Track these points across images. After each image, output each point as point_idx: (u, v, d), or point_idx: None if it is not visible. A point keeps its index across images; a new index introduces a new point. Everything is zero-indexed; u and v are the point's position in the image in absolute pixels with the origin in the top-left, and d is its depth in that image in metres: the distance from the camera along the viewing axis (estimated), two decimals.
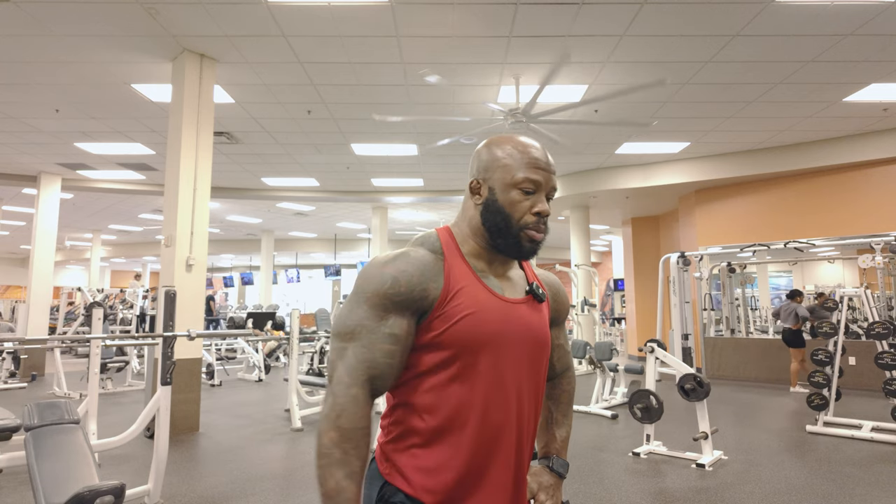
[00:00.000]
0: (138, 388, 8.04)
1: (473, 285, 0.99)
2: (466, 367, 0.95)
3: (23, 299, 20.59)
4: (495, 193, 1.02)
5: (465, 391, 0.95)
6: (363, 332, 0.94)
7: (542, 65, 5.50)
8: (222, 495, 3.55)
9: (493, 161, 1.04)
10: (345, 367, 0.93)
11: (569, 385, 1.27)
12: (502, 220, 1.01)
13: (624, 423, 5.69)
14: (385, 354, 0.94)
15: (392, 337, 0.94)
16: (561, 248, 20.52)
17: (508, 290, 1.04)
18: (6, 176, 9.65)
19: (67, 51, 5.16)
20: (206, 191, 5.43)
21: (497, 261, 1.06)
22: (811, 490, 3.62)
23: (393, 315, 0.94)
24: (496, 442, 0.97)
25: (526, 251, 1.03)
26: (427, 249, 1.01)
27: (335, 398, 0.91)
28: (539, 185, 1.02)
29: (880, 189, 7.83)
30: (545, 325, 1.08)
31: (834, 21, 4.66)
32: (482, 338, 0.96)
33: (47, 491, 2.39)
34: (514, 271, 1.09)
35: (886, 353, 4.94)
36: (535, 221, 1.01)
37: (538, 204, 1.02)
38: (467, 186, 1.08)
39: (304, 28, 4.73)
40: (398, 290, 0.94)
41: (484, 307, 0.98)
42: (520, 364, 1.00)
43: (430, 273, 0.97)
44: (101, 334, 3.89)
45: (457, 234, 1.06)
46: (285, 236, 18.11)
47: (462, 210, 1.09)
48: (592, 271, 11.24)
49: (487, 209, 1.02)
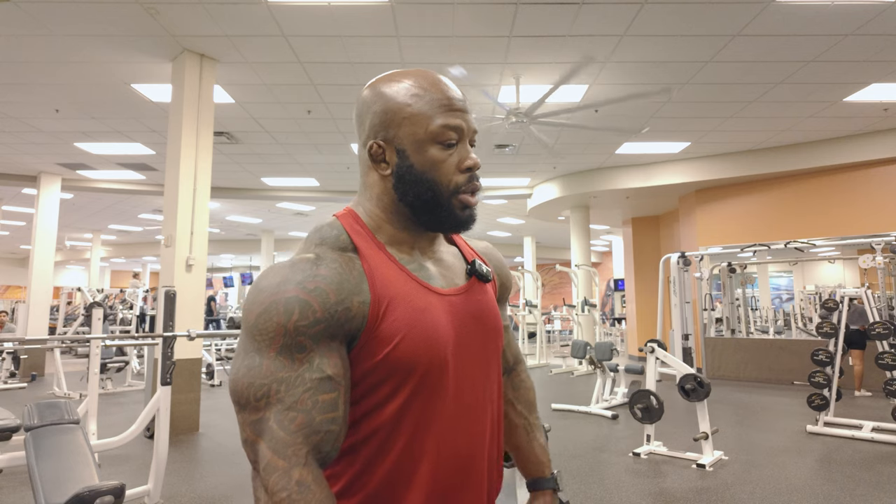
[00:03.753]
0: (138, 388, 8.03)
1: (407, 287, 0.75)
2: (420, 393, 0.73)
3: (23, 299, 20.59)
4: (408, 157, 0.76)
5: (420, 423, 0.73)
6: (281, 388, 0.67)
7: (542, 65, 5.50)
8: (222, 495, 3.55)
9: (394, 112, 0.77)
10: (272, 445, 0.66)
11: (528, 379, 1.05)
12: (426, 190, 0.76)
13: (624, 423, 5.69)
14: (324, 409, 0.67)
15: (326, 383, 0.68)
16: (561, 248, 20.54)
17: (446, 278, 0.81)
18: (6, 176, 9.65)
19: (67, 51, 5.15)
20: (206, 191, 5.42)
21: (423, 242, 0.82)
22: (811, 490, 3.62)
23: (316, 353, 0.68)
24: (465, 470, 0.77)
25: (462, 220, 0.79)
26: (333, 249, 0.75)
27: (273, 494, 0.65)
28: (462, 132, 0.77)
29: (881, 189, 7.82)
30: (496, 311, 0.86)
31: (834, 21, 4.65)
32: (433, 354, 0.73)
33: (47, 491, 2.39)
34: (446, 249, 0.86)
35: (887, 354, 4.94)
36: (466, 180, 0.78)
37: (466, 157, 0.78)
38: (363, 149, 0.80)
39: (304, 28, 4.73)
40: (313, 317, 0.68)
41: (427, 312, 0.75)
42: (479, 368, 0.81)
43: (348, 284, 0.71)
44: (100, 334, 3.89)
45: (365, 219, 0.80)
46: (285, 236, 18.11)
47: (363, 186, 0.82)
48: (593, 271, 11.24)
49: (402, 180, 0.77)
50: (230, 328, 13.53)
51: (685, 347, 7.14)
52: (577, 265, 11.14)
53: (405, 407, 0.73)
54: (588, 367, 9.47)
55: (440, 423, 0.75)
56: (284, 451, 0.66)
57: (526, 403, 1.02)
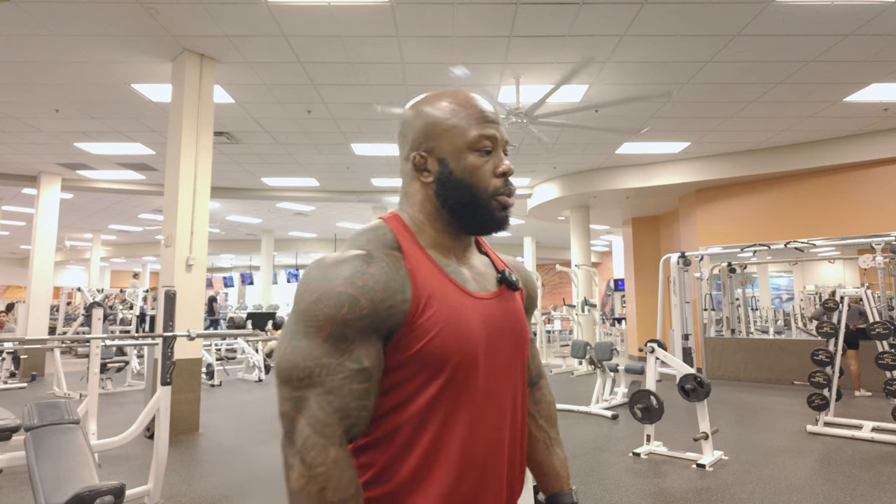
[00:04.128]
0: (138, 388, 8.03)
1: (445, 287, 0.81)
2: (449, 389, 0.78)
3: (23, 299, 20.59)
4: (448, 165, 0.84)
5: (448, 417, 0.78)
6: (323, 372, 0.73)
7: (542, 65, 5.50)
8: (222, 495, 3.55)
9: (433, 126, 0.85)
10: (311, 422, 0.72)
11: (550, 394, 1.09)
12: (466, 194, 0.84)
13: (624, 423, 5.69)
14: (358, 397, 0.74)
15: (363, 373, 0.75)
16: (561, 248, 20.53)
17: (479, 283, 0.87)
18: (6, 176, 9.65)
19: (67, 51, 5.15)
20: (206, 191, 5.42)
21: (460, 248, 0.89)
22: (811, 490, 3.62)
23: (357, 344, 0.75)
24: (487, 468, 0.81)
25: (500, 221, 0.87)
26: (381, 247, 0.81)
27: (311, 468, 0.71)
28: (496, 140, 0.86)
29: (881, 189, 7.82)
30: (524, 319, 0.93)
31: (834, 21, 4.65)
32: (468, 349, 0.79)
33: (47, 491, 2.39)
34: (478, 258, 0.93)
35: (887, 354, 4.94)
36: (502, 184, 0.86)
37: (501, 163, 0.86)
38: (406, 162, 0.88)
39: (304, 28, 4.73)
40: (360, 312, 0.74)
41: (462, 312, 0.80)
42: (507, 371, 0.86)
43: (394, 283, 0.77)
44: (100, 334, 3.89)
45: (409, 223, 0.86)
46: (285, 236, 18.11)
47: (405, 195, 0.89)
48: (593, 271, 11.24)
49: (444, 185, 0.85)
50: (230, 328, 13.53)
51: (685, 347, 7.14)
52: (577, 265, 11.14)
53: (435, 400, 0.77)
54: (588, 367, 9.47)
55: (467, 417, 0.79)
56: (323, 430, 0.72)
57: (547, 417, 1.06)
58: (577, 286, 10.98)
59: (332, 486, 0.71)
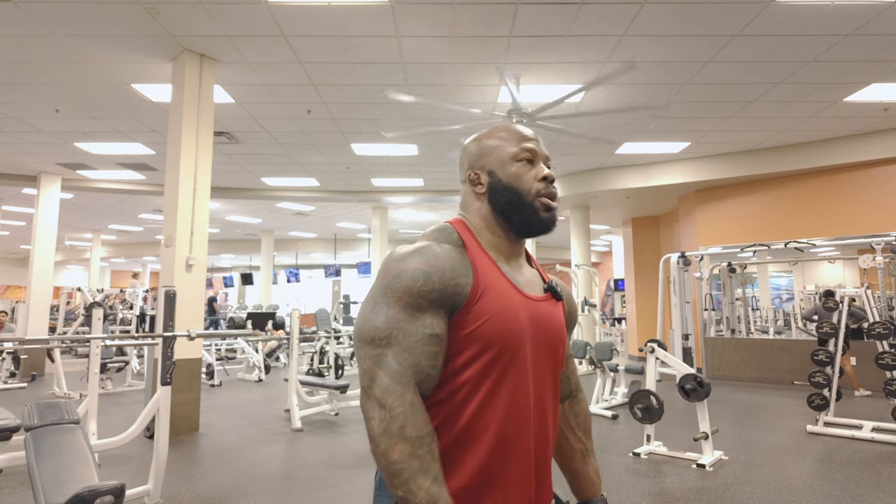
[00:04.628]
0: (138, 388, 8.03)
1: (500, 280, 0.94)
2: (493, 369, 0.90)
3: (23, 299, 20.59)
4: (496, 175, 1.00)
5: (488, 396, 0.89)
6: (400, 334, 0.86)
7: (542, 65, 5.50)
8: (222, 495, 3.55)
9: (483, 149, 1.03)
10: (390, 374, 0.85)
11: (587, 406, 1.19)
12: (513, 195, 0.98)
13: (624, 423, 5.69)
14: (429, 357, 0.87)
15: (434, 338, 0.87)
16: (561, 248, 20.53)
17: (528, 287, 1.00)
18: (6, 176, 9.65)
19: (67, 51, 5.15)
20: (206, 191, 5.42)
21: (513, 255, 1.02)
22: (811, 490, 3.62)
23: (430, 314, 0.88)
24: (513, 448, 0.91)
25: (545, 221, 0.99)
26: (448, 241, 0.96)
27: (391, 410, 0.83)
28: (535, 154, 1.01)
29: (881, 189, 7.82)
30: (563, 325, 1.04)
31: (834, 21, 4.65)
32: (512, 336, 0.91)
33: (47, 491, 2.39)
34: (528, 269, 1.05)
35: (887, 354, 4.94)
36: (545, 187, 0.99)
37: (542, 170, 1.00)
38: (464, 184, 1.04)
39: (304, 28, 4.73)
40: (432, 286, 0.88)
41: (512, 303, 0.93)
42: (545, 364, 0.97)
43: (460, 267, 0.91)
44: (100, 334, 3.89)
45: (471, 226, 1.01)
46: (285, 236, 18.11)
47: (464, 207, 1.04)
48: (593, 271, 11.24)
49: (494, 192, 1.00)
50: (230, 328, 13.53)
51: (685, 347, 7.15)
52: (577, 265, 11.14)
53: (482, 374, 0.89)
54: (588, 367, 9.47)
55: (503, 398, 0.90)
56: (400, 380, 0.85)
57: (584, 429, 1.16)
58: (577, 286, 10.98)
59: (410, 423, 0.83)
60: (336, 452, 4.58)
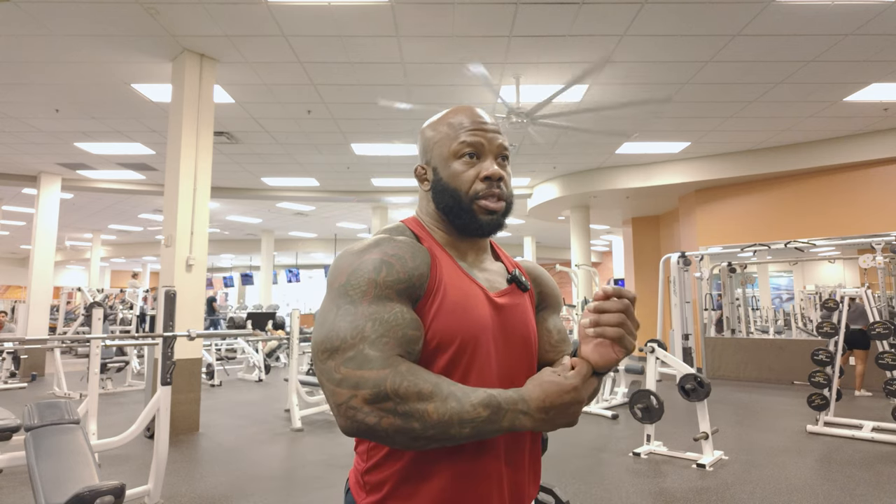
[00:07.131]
0: (138, 388, 8.03)
1: (457, 274, 0.88)
2: (454, 369, 0.83)
3: (23, 299, 20.59)
4: (438, 172, 0.92)
5: None
6: (374, 324, 0.77)
7: (542, 64, 5.50)
8: (222, 495, 3.55)
9: (431, 140, 0.94)
10: (374, 366, 0.74)
11: None
12: (450, 198, 0.90)
13: (624, 423, 5.69)
14: (411, 342, 0.79)
15: (414, 322, 0.80)
16: (561, 248, 20.53)
17: (489, 282, 0.93)
18: (6, 176, 9.65)
19: (67, 51, 5.15)
20: (206, 191, 5.42)
21: (471, 251, 0.95)
22: (811, 490, 3.62)
23: (400, 304, 0.80)
24: (480, 448, 0.83)
25: (485, 224, 0.90)
26: (403, 237, 0.90)
27: (398, 387, 0.73)
28: (481, 148, 0.90)
29: (881, 189, 7.82)
30: (530, 316, 0.97)
31: (834, 21, 4.65)
32: (470, 333, 0.83)
33: (47, 491, 2.39)
34: (491, 262, 0.98)
35: (887, 354, 4.94)
36: (485, 188, 0.89)
37: (484, 168, 0.89)
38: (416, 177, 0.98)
39: (304, 28, 4.73)
40: (397, 276, 0.80)
41: (469, 300, 0.86)
42: (517, 359, 0.90)
43: (420, 253, 0.85)
44: (101, 334, 3.89)
45: (425, 224, 0.95)
46: (285, 236, 18.11)
47: (419, 202, 0.99)
48: (593, 271, 11.22)
49: (436, 192, 0.92)
50: (230, 328, 13.53)
51: (685, 347, 7.14)
52: (577, 265, 11.13)
53: (444, 373, 0.82)
54: None
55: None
56: (385, 362, 0.75)
57: None
58: (577, 286, 10.97)
59: (421, 381, 0.74)
60: (336, 452, 4.58)
